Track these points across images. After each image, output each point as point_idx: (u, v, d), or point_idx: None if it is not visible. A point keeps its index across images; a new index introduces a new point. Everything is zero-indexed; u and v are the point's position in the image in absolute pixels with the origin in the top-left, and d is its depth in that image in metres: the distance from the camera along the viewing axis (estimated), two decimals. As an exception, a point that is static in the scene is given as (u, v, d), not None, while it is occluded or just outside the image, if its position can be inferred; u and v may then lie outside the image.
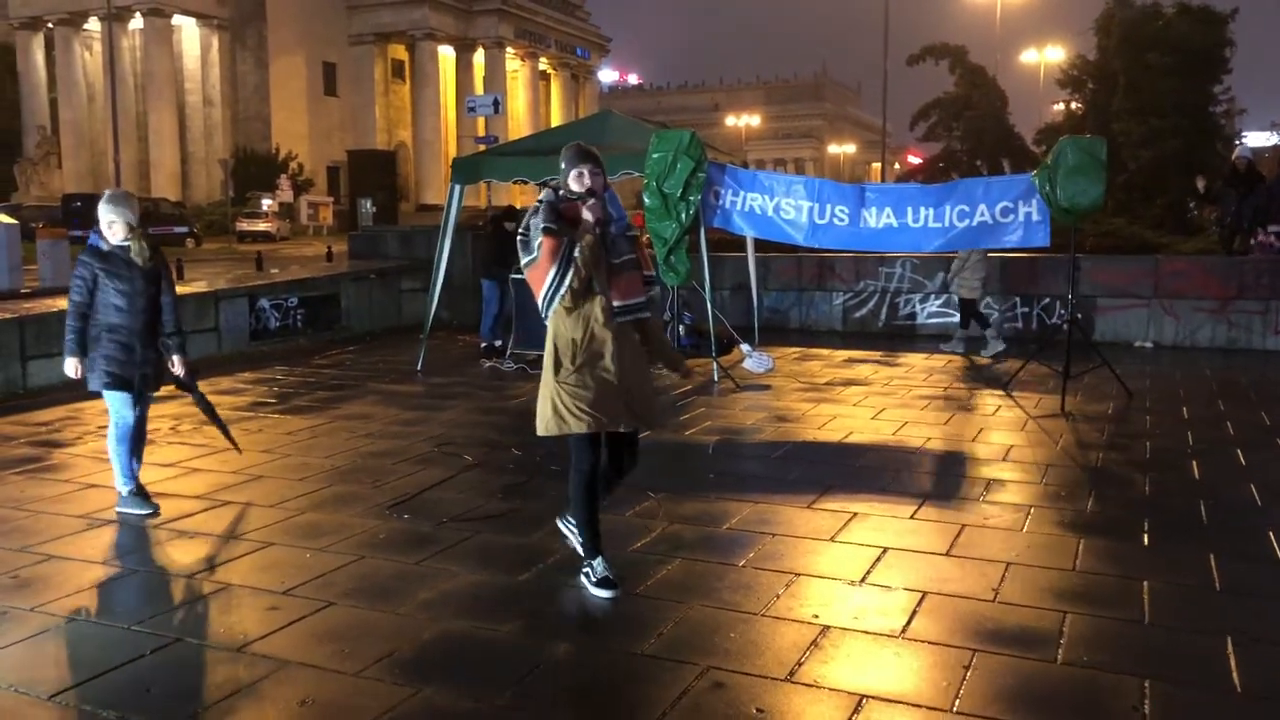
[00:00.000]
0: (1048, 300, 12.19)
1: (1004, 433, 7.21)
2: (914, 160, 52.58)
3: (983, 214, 8.55)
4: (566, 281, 3.88)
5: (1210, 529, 5.06)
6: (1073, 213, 8.21)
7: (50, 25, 55.05)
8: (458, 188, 10.17)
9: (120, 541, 5.00)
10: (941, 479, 6.00)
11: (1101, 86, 22.51)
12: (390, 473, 6.12)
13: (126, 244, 5.15)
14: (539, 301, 3.99)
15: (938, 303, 12.78)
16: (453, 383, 9.42)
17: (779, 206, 9.20)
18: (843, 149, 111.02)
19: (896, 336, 12.74)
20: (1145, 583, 4.25)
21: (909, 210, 8.81)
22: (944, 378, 9.62)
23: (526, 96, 64.76)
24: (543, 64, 67.03)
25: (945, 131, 29.58)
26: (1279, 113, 67.57)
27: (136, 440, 5.39)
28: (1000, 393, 8.78)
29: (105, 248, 5.16)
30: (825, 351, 11.37)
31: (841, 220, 9.03)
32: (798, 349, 11.57)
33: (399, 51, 61.55)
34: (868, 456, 6.58)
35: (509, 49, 62.84)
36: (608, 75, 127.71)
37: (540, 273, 3.92)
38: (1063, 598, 4.10)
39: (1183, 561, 4.56)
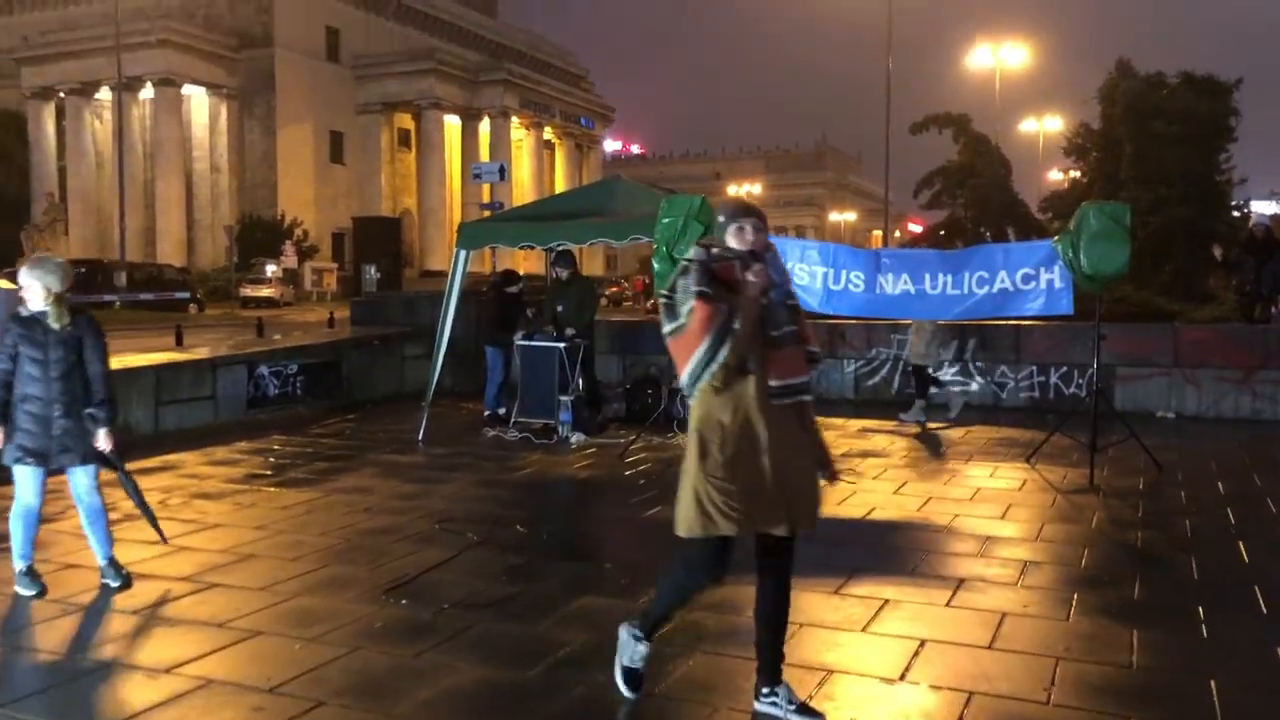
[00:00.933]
0: (1065, 369, 11.90)
1: (1034, 509, 6.87)
2: (914, 228, 52.82)
3: (1003, 281, 8.32)
4: (720, 357, 3.35)
5: (1270, 617, 4.69)
6: (1097, 280, 7.97)
7: (62, 95, 55.87)
8: (463, 253, 9.96)
9: (90, 631, 4.64)
10: (975, 561, 5.64)
11: (1106, 154, 22.56)
12: (388, 552, 5.77)
13: (45, 310, 4.91)
14: (683, 377, 3.47)
15: (951, 370, 12.49)
16: (455, 453, 9.09)
17: (792, 272, 8.95)
18: (844, 217, 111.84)
19: (910, 405, 12.40)
20: (1212, 681, 3.88)
21: (927, 277, 8.59)
22: (965, 449, 9.29)
23: (531, 164, 65.37)
24: (547, 133, 67.81)
25: (949, 199, 29.63)
26: (1277, 181, 68.10)
27: (95, 522, 5.13)
28: (1024, 465, 8.44)
29: (25, 313, 4.94)
30: (839, 421, 11.04)
31: (857, 286, 8.81)
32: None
33: (405, 120, 62.34)
34: (894, 535, 6.23)
35: (514, 118, 63.62)
36: (611, 144, 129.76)
37: (688, 344, 3.40)
38: (1125, 699, 3.73)
39: (1247, 652, 4.20)
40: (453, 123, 62.67)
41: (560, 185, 67.94)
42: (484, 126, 63.06)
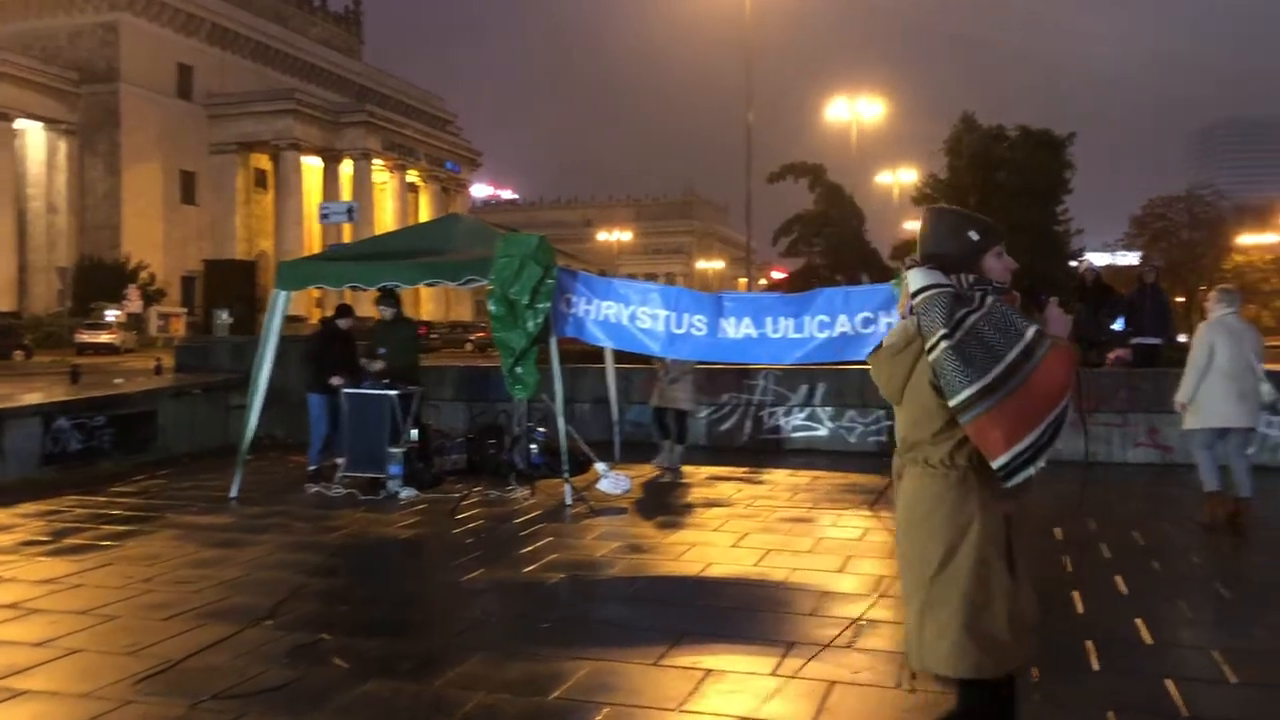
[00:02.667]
0: (912, 413, 11.90)
1: (873, 560, 6.61)
2: (777, 275, 53.85)
3: (843, 325, 8.17)
4: (1065, 426, 2.54)
5: (1102, 675, 4.49)
6: (935, 323, 7.90)
7: (-121, 126, 51.88)
8: (282, 295, 9.26)
9: None
10: (807, 621, 5.30)
11: (954, 204, 23.33)
12: (157, 632, 5.05)
13: None
14: (1007, 455, 2.49)
15: (802, 415, 12.38)
16: (269, 512, 8.33)
17: (635, 315, 8.64)
18: (711, 265, 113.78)
19: (762, 451, 12.22)
20: (1042, 754, 3.59)
21: (768, 320, 8.37)
22: (808, 496, 9.06)
23: (395, 207, 64.16)
24: (412, 176, 66.81)
25: (806, 247, 30.19)
26: (1109, 234, 72.65)
27: None
28: (868, 512, 8.25)
29: None
30: (689, 469, 10.71)
31: (699, 330, 8.52)
32: (661, 465, 10.87)
33: (262, 161, 60.40)
34: (727, 594, 5.85)
35: (377, 160, 62.41)
36: (481, 189, 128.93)
37: (1037, 407, 2.50)
38: (950, 781, 3.39)
39: (1078, 716, 3.95)
40: (313, 164, 61.04)
41: (426, 229, 66.92)
42: (345, 168, 61.65)
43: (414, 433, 9.62)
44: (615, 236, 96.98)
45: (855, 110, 48.47)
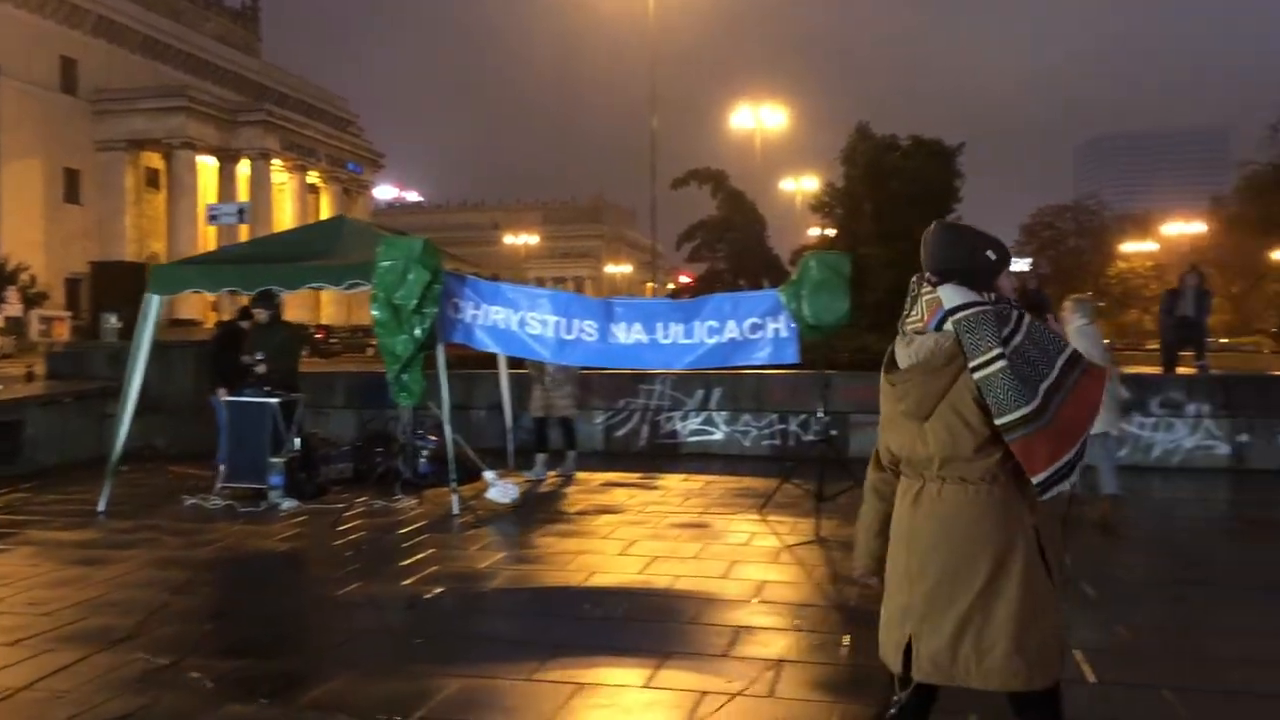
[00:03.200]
0: (804, 416, 12.05)
1: (757, 566, 6.63)
2: (684, 280, 54.20)
3: (732, 330, 8.21)
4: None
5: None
6: (820, 329, 7.99)
7: None
8: (155, 299, 8.87)
9: None
10: (685, 629, 5.27)
11: (850, 212, 23.75)
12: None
13: None
14: (1048, 471, 2.54)
15: (698, 420, 12.42)
16: (139, 527, 7.96)
17: (524, 321, 8.52)
18: (620, 269, 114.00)
19: (659, 456, 12.22)
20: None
21: (659, 326, 8.36)
22: (701, 501, 9.07)
23: (294, 209, 62.48)
24: (312, 177, 65.20)
25: (709, 252, 30.43)
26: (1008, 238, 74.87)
27: None
28: (757, 517, 8.29)
29: None
30: (584, 475, 10.62)
31: (589, 336, 8.45)
32: (555, 473, 10.76)
33: (154, 159, 58.18)
34: (608, 603, 5.79)
35: (275, 160, 60.76)
36: (387, 192, 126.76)
37: (1078, 424, 2.57)
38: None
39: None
40: (208, 163, 59.08)
41: (326, 231, 65.48)
42: (243, 168, 59.82)
43: (296, 441, 9.34)
44: (522, 240, 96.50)
45: (759, 118, 49.18)
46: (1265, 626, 5.39)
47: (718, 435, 12.37)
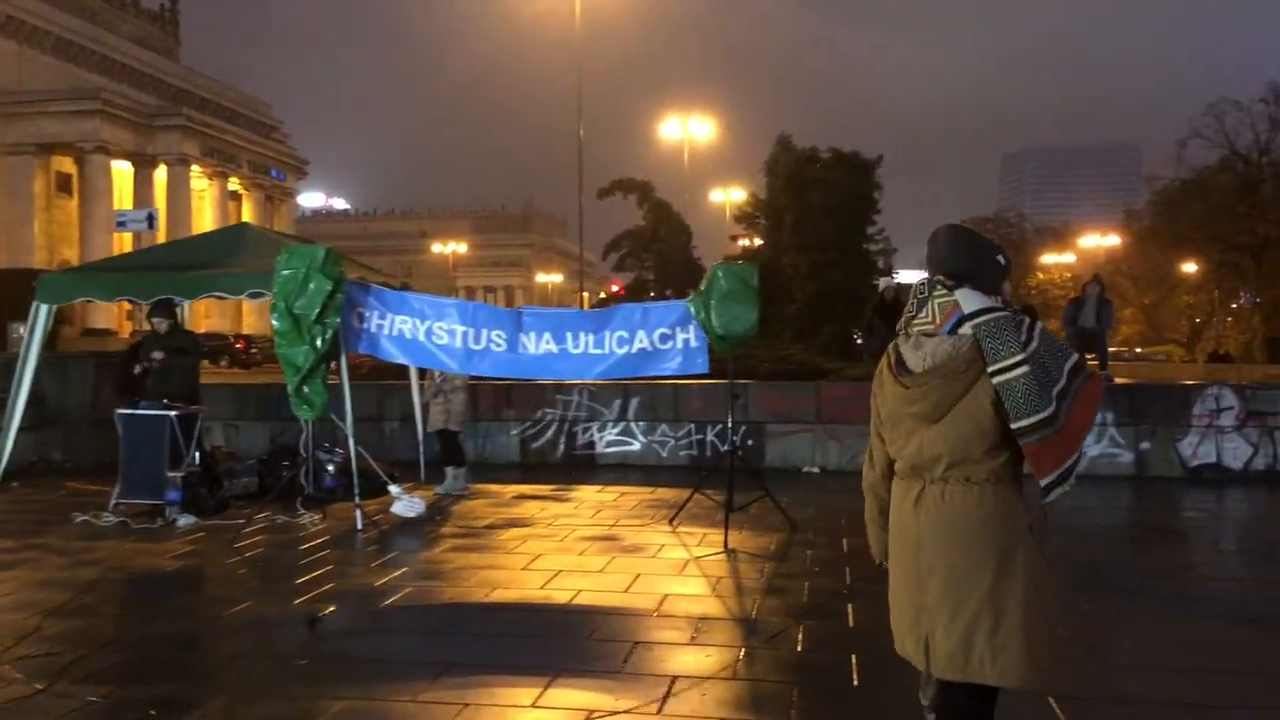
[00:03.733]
0: (720, 427, 12.05)
1: (662, 578, 6.57)
2: (615, 289, 54.18)
3: (642, 340, 8.18)
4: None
5: (861, 692, 4.54)
6: (728, 339, 7.99)
7: None
8: (44, 309, 8.53)
9: None
10: (582, 645, 5.18)
11: (772, 223, 24.00)
12: None
13: None
14: (1056, 473, 2.64)
15: (616, 430, 12.35)
16: (23, 546, 7.61)
17: (431, 331, 8.38)
18: (550, 278, 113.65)
19: (576, 467, 12.13)
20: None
21: (569, 336, 8.30)
22: (612, 513, 8.99)
23: (215, 215, 61.03)
24: (234, 184, 63.82)
25: (636, 262, 30.45)
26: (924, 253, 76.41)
27: None
28: (666, 529, 8.24)
29: None
30: (497, 488, 10.49)
31: (499, 346, 8.35)
32: (478, 485, 10.57)
33: (66, 164, 56.38)
34: (504, 620, 5.67)
35: (195, 166, 59.33)
36: (313, 199, 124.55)
37: (1075, 439, 2.64)
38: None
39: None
40: (123, 169, 57.44)
41: (248, 239, 64.17)
42: (160, 174, 58.30)
43: (197, 456, 9.05)
44: (450, 248, 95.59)
45: (687, 129, 49.46)
46: (1159, 633, 5.48)
47: (635, 446, 12.32)
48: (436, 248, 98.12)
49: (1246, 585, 6.69)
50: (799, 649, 5.11)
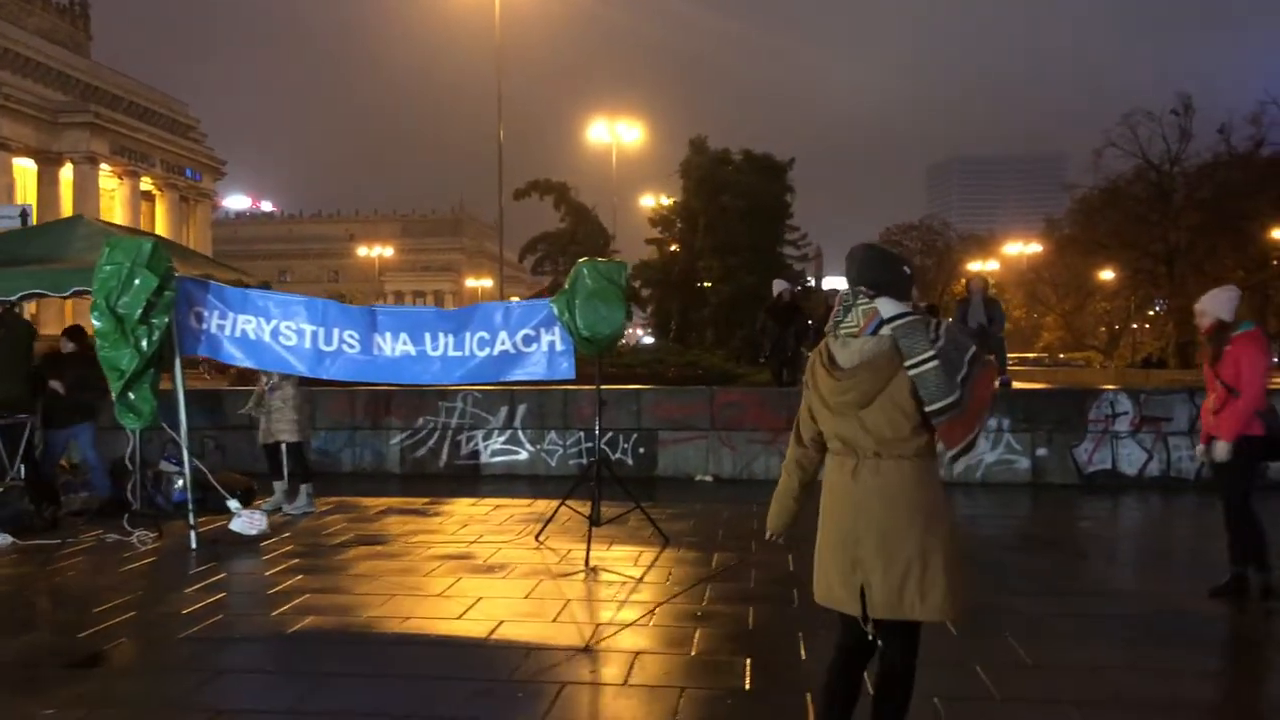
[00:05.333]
0: (611, 434, 11.54)
1: (505, 601, 6.01)
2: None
3: (504, 342, 7.63)
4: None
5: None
6: (595, 342, 7.45)
7: None
8: None
9: None
10: (380, 684, 4.60)
11: (688, 226, 23.59)
12: None
13: None
14: (962, 444, 3.14)
15: (502, 439, 11.77)
16: None
17: (278, 331, 7.74)
18: (481, 283, 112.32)
19: (460, 478, 11.51)
20: None
21: (427, 337, 7.72)
22: (479, 529, 8.40)
23: (125, 216, 58.79)
24: (146, 184, 61.64)
25: (552, 265, 29.83)
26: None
27: None
28: (533, 545, 7.69)
29: None
30: (367, 501, 9.83)
31: (352, 347, 7.73)
32: (336, 498, 9.90)
33: (-36, 161, 53.88)
34: (307, 651, 5.06)
35: (104, 165, 57.16)
36: (239, 201, 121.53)
37: (981, 406, 3.14)
38: None
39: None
40: (26, 166, 55.09)
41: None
42: (66, 173, 56.04)
43: (21, 468, 8.28)
44: (376, 252, 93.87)
45: (615, 133, 49.06)
46: (1036, 640, 5.09)
47: (523, 455, 11.75)
48: (363, 251, 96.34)
49: (1133, 599, 6.36)
50: (628, 682, 4.60)
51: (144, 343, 7.27)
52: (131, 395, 7.38)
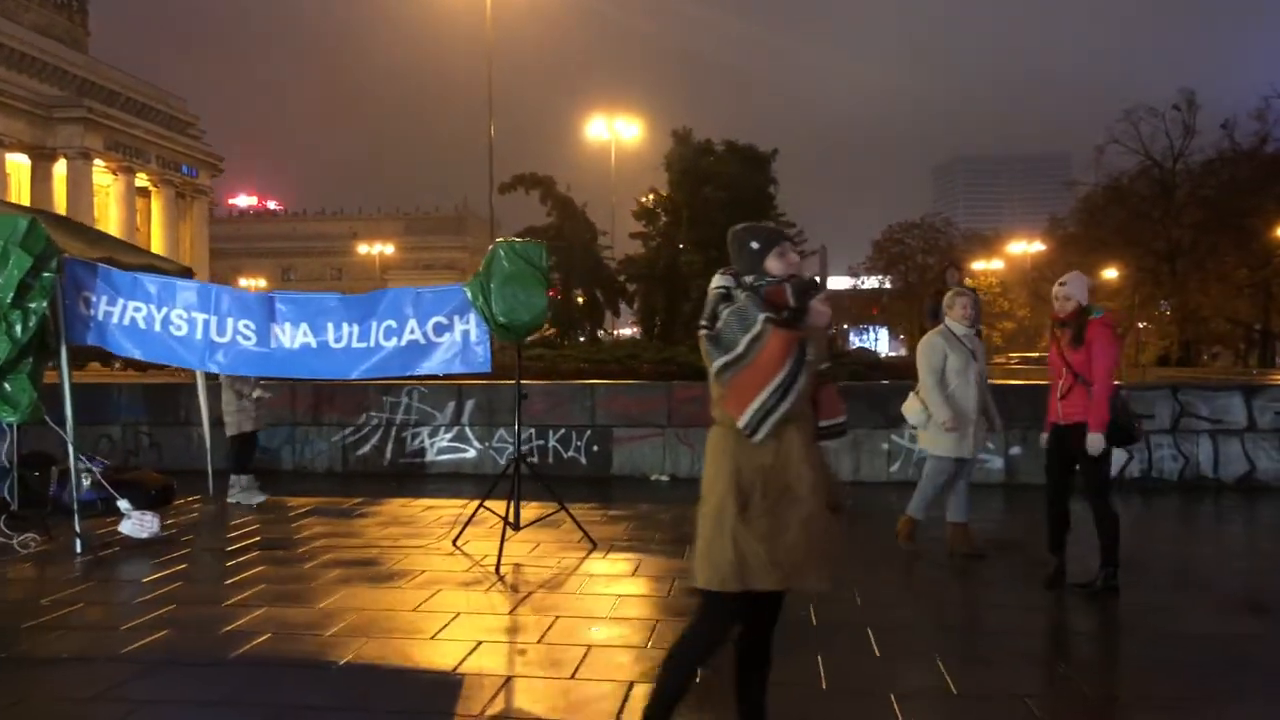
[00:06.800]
0: (564, 431, 10.94)
1: (390, 616, 5.40)
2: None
3: (413, 332, 7.01)
4: (795, 391, 3.10)
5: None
6: (512, 330, 6.85)
7: None
8: None
9: None
10: (202, 714, 4.00)
11: (672, 219, 22.99)
12: None
13: None
14: (745, 417, 3.11)
15: (449, 436, 11.17)
16: None
17: (168, 319, 7.14)
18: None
19: (404, 476, 10.92)
20: None
21: (330, 327, 7.11)
22: (399, 532, 7.80)
23: (121, 212, 58.69)
24: (142, 180, 61.35)
25: (539, 260, 29.20)
26: (857, 258, 76.85)
27: None
28: (449, 549, 7.09)
29: None
30: (295, 501, 9.25)
31: (247, 339, 7.13)
32: (267, 497, 9.30)
33: (-43, 156, 53.66)
34: (140, 674, 4.46)
35: (98, 161, 56.87)
36: (244, 199, 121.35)
37: (755, 379, 3.08)
38: None
39: None
40: (20, 162, 54.83)
41: (157, 234, 61.85)
42: (60, 169, 55.78)
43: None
44: (377, 250, 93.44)
45: (614, 129, 48.47)
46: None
47: (470, 453, 11.14)
48: (364, 249, 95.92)
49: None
50: (484, 714, 3.98)
51: (18, 329, 6.69)
52: (6, 386, 6.80)
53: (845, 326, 77.25)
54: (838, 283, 62.82)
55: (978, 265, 73.42)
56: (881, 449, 10.58)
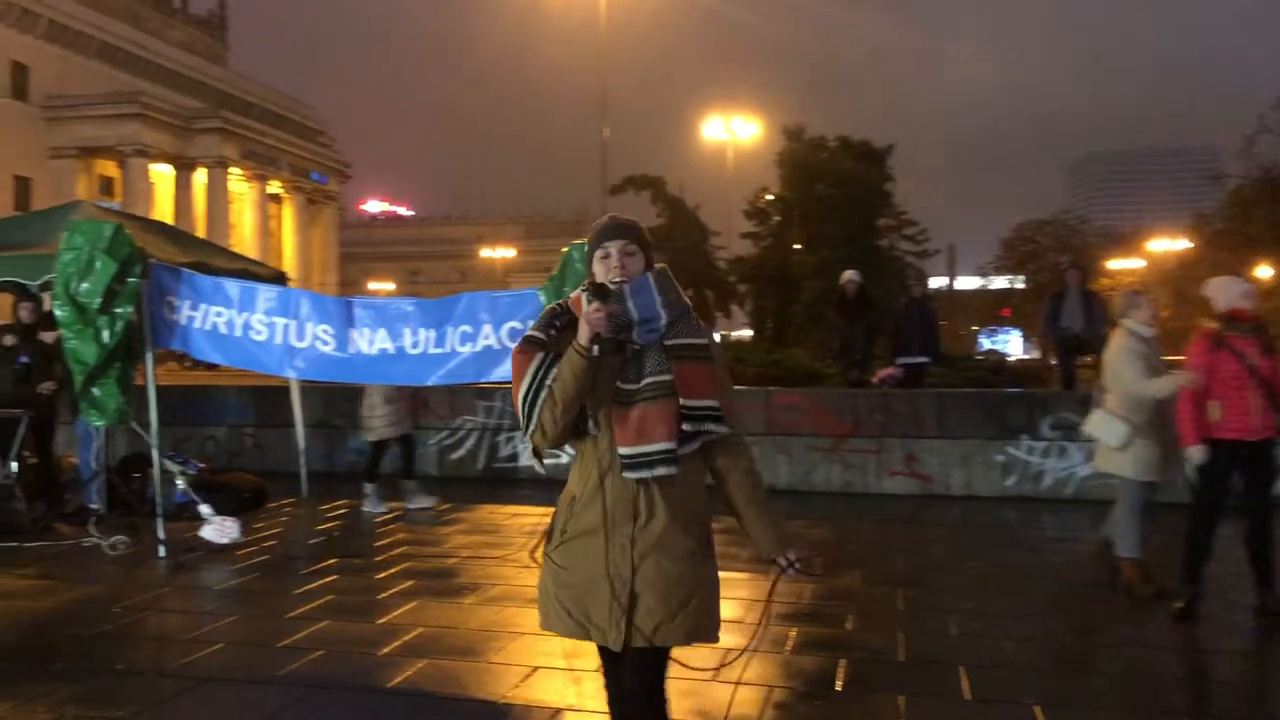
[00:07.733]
0: (658, 439, 10.58)
1: (449, 634, 5.17)
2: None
3: (488, 337, 6.79)
4: (536, 415, 2.75)
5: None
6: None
7: None
8: None
9: None
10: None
11: (784, 218, 22.42)
12: None
13: None
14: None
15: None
16: None
17: (248, 324, 7.10)
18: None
19: (497, 481, 10.78)
20: None
21: (406, 333, 6.95)
22: (482, 540, 7.58)
23: (254, 219, 61.12)
24: (274, 187, 63.81)
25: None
26: (986, 258, 74.06)
27: None
28: (526, 561, 6.84)
29: None
30: (386, 505, 9.17)
31: (326, 344, 7.04)
32: (351, 501, 9.25)
33: (108, 167, 56.77)
34: (196, 689, 4.32)
35: (234, 169, 59.38)
36: (375, 205, 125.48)
37: (515, 398, 2.83)
38: None
39: None
40: (165, 172, 57.71)
41: (288, 239, 64.36)
42: (199, 177, 58.47)
43: (14, 466, 7.91)
44: (499, 254, 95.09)
45: (731, 129, 47.99)
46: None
47: (564, 458, 10.80)
48: (485, 253, 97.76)
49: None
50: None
51: (105, 334, 6.74)
52: (95, 391, 6.86)
53: (975, 328, 74.60)
54: (966, 283, 60.49)
55: (1115, 264, 69.92)
56: (996, 461, 9.87)
